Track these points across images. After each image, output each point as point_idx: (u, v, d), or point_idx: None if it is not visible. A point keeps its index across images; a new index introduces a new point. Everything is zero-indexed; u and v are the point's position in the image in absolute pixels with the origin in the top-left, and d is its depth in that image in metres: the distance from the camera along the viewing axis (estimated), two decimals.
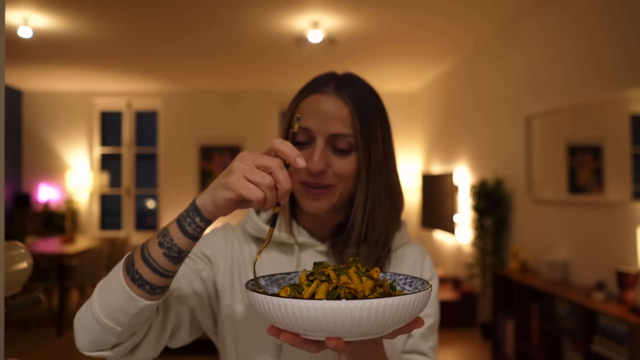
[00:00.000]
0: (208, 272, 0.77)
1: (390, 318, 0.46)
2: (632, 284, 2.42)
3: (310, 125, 0.71)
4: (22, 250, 0.70)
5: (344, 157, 0.72)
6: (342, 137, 0.71)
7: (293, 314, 0.45)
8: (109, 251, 4.84)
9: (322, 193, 0.72)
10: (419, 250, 0.84)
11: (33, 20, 3.76)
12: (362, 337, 0.48)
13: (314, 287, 0.51)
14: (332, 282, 0.52)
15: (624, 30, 2.59)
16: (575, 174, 3.04)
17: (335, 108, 0.71)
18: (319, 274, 0.54)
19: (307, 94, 0.74)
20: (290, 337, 0.49)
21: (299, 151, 0.70)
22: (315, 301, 0.44)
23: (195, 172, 6.38)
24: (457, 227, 4.69)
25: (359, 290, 0.50)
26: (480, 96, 4.42)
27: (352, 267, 0.54)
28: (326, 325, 0.45)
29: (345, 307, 0.44)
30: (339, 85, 0.73)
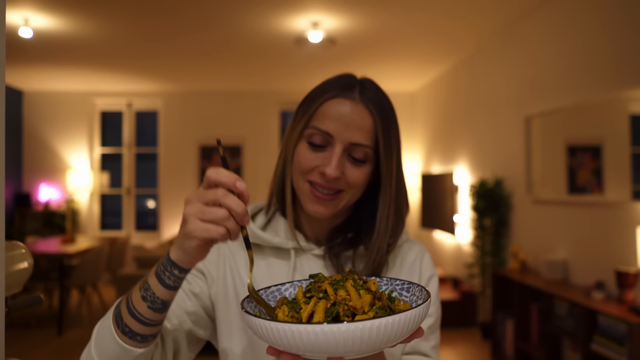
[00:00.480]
0: (201, 287, 0.76)
1: (392, 335, 0.46)
2: (631, 283, 2.42)
3: (332, 129, 0.70)
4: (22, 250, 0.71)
5: (357, 167, 0.71)
6: (362, 147, 0.70)
7: (293, 339, 0.45)
8: (109, 251, 4.85)
9: (330, 200, 0.71)
10: (418, 249, 0.83)
11: (33, 21, 3.76)
12: (364, 354, 0.48)
13: (312, 306, 0.51)
14: (330, 298, 0.52)
15: (624, 30, 2.59)
16: (574, 174, 3.04)
17: (360, 117, 0.70)
18: (315, 290, 0.54)
19: (332, 96, 0.71)
20: (290, 358, 0.49)
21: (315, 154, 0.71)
22: (315, 325, 0.44)
23: (196, 172, 6.39)
24: (457, 227, 4.69)
25: (358, 307, 0.50)
26: (480, 96, 4.43)
27: (349, 279, 0.54)
28: (327, 347, 0.45)
29: (346, 330, 0.44)
30: (364, 92, 0.72)
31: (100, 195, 6.50)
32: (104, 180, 6.51)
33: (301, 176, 0.72)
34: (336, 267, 0.75)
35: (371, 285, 0.53)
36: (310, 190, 0.71)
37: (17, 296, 0.74)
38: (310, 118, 0.72)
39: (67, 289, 4.69)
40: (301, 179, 0.72)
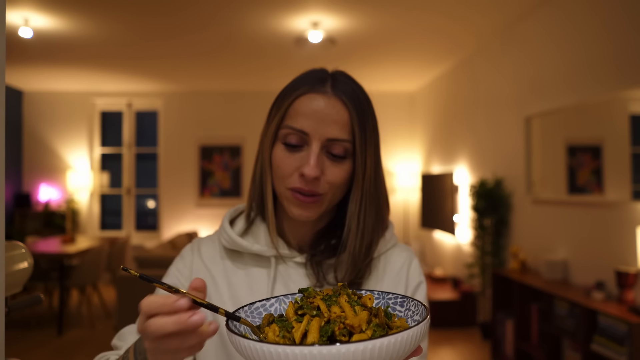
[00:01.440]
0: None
1: (393, 354, 0.43)
2: (631, 283, 2.42)
3: (306, 127, 0.67)
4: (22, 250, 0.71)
5: (337, 164, 0.68)
6: (340, 142, 0.67)
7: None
8: (109, 251, 4.85)
9: (313, 202, 0.68)
10: (405, 256, 0.78)
11: (33, 21, 3.77)
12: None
13: (305, 325, 0.47)
14: (324, 315, 0.48)
15: (624, 30, 2.59)
16: (574, 174, 3.04)
17: (334, 111, 0.67)
18: (308, 307, 0.50)
19: (303, 92, 0.68)
20: None
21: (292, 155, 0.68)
22: (311, 348, 0.41)
23: (196, 172, 6.39)
24: (457, 227, 4.69)
25: (356, 326, 0.47)
26: (480, 96, 4.43)
27: (343, 295, 0.51)
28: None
29: (346, 351, 0.41)
30: (336, 84, 0.69)
31: (100, 195, 6.50)
32: (104, 180, 6.52)
33: (282, 182, 0.69)
34: (317, 275, 0.72)
35: (367, 301, 0.51)
36: (292, 195, 0.68)
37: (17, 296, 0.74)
38: (282, 117, 0.69)
39: (67, 289, 4.69)
40: (282, 186, 0.69)
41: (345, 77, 0.72)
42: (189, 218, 6.35)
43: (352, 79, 0.73)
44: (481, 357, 3.62)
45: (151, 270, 3.61)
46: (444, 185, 4.88)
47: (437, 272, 4.99)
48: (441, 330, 4.24)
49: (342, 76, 0.72)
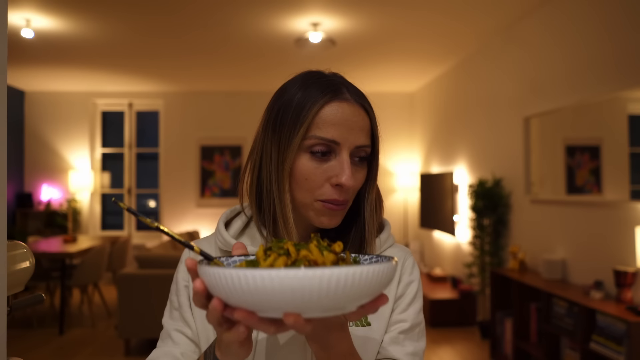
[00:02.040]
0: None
1: (353, 290, 0.41)
2: (629, 283, 2.43)
3: (337, 137, 0.66)
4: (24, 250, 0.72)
5: (360, 169, 0.69)
6: (363, 148, 0.69)
7: (247, 286, 0.40)
8: (110, 251, 4.87)
9: (342, 210, 0.68)
10: (401, 254, 0.78)
11: (35, 22, 3.78)
12: (323, 313, 0.43)
13: (271, 261, 0.47)
14: (292, 256, 0.48)
15: (624, 31, 2.60)
16: (573, 174, 3.05)
17: (360, 118, 0.68)
18: (276, 248, 0.50)
19: (327, 100, 0.66)
20: (245, 314, 0.44)
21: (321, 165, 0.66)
22: (270, 270, 0.40)
23: (196, 172, 6.40)
24: (456, 226, 4.70)
25: (320, 263, 0.47)
26: (479, 96, 4.43)
27: (314, 241, 0.50)
28: (283, 298, 0.40)
29: (304, 275, 0.39)
30: (352, 91, 0.69)
31: (102, 195, 6.52)
32: (105, 180, 6.53)
33: (311, 195, 0.67)
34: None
35: (335, 247, 0.50)
36: (323, 206, 0.67)
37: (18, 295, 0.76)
38: (308, 127, 0.66)
39: (68, 289, 4.71)
40: (311, 198, 0.67)
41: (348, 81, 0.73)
42: (189, 218, 6.37)
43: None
44: (480, 356, 3.63)
45: (152, 270, 3.63)
46: (443, 185, 4.89)
47: (436, 271, 5.00)
48: (440, 329, 4.26)
49: (344, 79, 0.72)
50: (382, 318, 0.72)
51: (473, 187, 4.07)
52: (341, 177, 0.65)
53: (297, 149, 0.67)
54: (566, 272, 3.06)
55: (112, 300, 5.21)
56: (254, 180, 0.72)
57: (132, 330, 3.57)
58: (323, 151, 0.66)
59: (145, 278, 3.56)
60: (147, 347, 3.86)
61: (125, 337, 3.61)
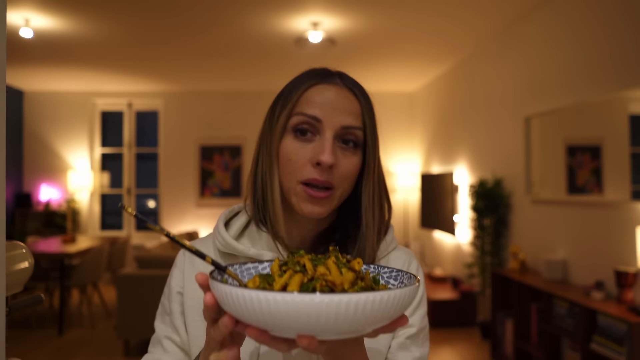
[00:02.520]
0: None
1: (372, 316, 0.41)
2: (630, 283, 2.42)
3: (319, 114, 0.65)
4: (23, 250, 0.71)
5: (350, 154, 0.67)
6: (353, 129, 0.66)
7: (260, 308, 0.40)
8: (109, 251, 4.86)
9: (325, 197, 0.65)
10: (405, 257, 0.77)
11: (34, 21, 3.77)
12: (338, 336, 0.43)
13: (287, 279, 0.46)
14: (308, 273, 0.46)
15: (623, 31, 2.60)
16: (574, 174, 3.05)
17: (347, 100, 0.67)
18: (293, 263, 0.48)
19: (314, 83, 0.67)
20: (257, 333, 0.43)
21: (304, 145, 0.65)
22: (285, 294, 0.39)
23: (196, 172, 6.40)
24: (457, 226, 4.69)
25: (337, 283, 0.45)
26: (479, 96, 4.43)
27: (332, 257, 0.49)
28: (298, 321, 0.40)
29: (320, 301, 0.38)
30: (344, 78, 0.70)
31: (101, 195, 6.51)
32: (105, 180, 6.52)
33: (293, 176, 0.66)
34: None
35: (355, 265, 0.49)
36: (304, 190, 0.65)
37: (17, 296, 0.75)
38: (293, 107, 0.67)
39: (67, 289, 4.70)
40: (293, 181, 0.66)
41: (349, 76, 0.72)
42: (189, 218, 6.36)
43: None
44: (481, 357, 3.62)
45: (151, 270, 3.62)
46: (443, 185, 4.88)
47: (436, 272, 4.99)
48: (441, 330, 4.25)
49: (345, 74, 0.72)
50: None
51: (473, 187, 4.06)
52: (320, 155, 0.63)
53: (282, 131, 0.67)
54: (567, 272, 3.05)
55: (111, 301, 5.20)
56: (252, 172, 0.72)
57: (132, 330, 3.56)
58: (305, 129, 0.65)
59: (144, 278, 3.56)
60: (146, 348, 3.85)
61: (125, 338, 3.60)
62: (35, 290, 4.93)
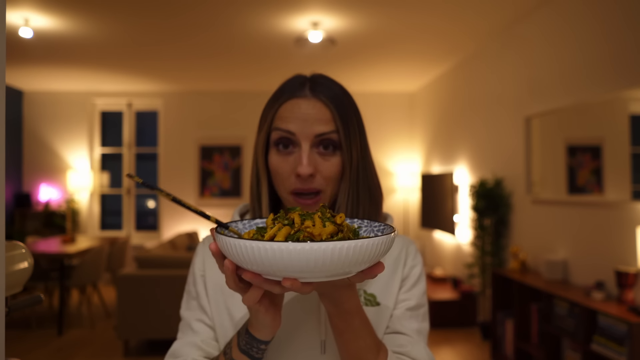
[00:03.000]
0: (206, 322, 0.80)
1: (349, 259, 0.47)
2: (631, 283, 2.42)
3: (292, 128, 0.72)
4: (22, 250, 0.71)
5: (329, 158, 0.73)
6: (327, 135, 0.72)
7: (253, 255, 0.47)
8: (109, 251, 4.85)
9: (314, 203, 0.72)
10: (403, 242, 0.83)
11: (34, 21, 3.77)
12: (317, 278, 0.50)
13: (275, 230, 0.53)
14: (295, 226, 0.54)
15: (622, 31, 2.59)
16: (574, 174, 3.05)
17: (315, 110, 0.72)
18: (282, 218, 0.56)
19: (285, 100, 0.74)
20: (251, 276, 0.51)
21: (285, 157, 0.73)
22: (266, 243, 0.46)
23: (196, 172, 6.39)
24: (457, 227, 4.69)
25: (316, 234, 0.52)
26: (479, 97, 4.43)
27: (319, 212, 0.56)
28: (283, 266, 0.47)
29: (293, 249, 0.45)
30: (314, 87, 0.74)
31: (100, 195, 6.50)
32: (104, 180, 6.52)
33: (283, 187, 0.74)
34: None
35: (337, 219, 0.55)
36: (295, 200, 0.73)
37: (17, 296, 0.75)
38: (270, 124, 0.75)
39: (67, 289, 4.70)
40: (284, 191, 0.74)
41: (323, 79, 0.77)
42: (189, 218, 6.36)
43: (331, 79, 0.77)
44: (481, 357, 3.62)
45: (151, 270, 3.61)
46: (443, 185, 4.88)
47: (437, 272, 4.99)
48: (441, 330, 4.25)
49: (320, 78, 0.77)
50: (390, 298, 0.77)
51: (474, 187, 4.06)
52: (298, 167, 0.70)
53: (266, 145, 0.75)
54: (567, 272, 3.05)
55: (111, 301, 5.19)
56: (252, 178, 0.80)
57: (131, 331, 3.55)
58: (285, 143, 0.73)
59: (144, 278, 3.55)
60: (146, 348, 3.85)
61: (124, 338, 3.60)
62: (34, 291, 4.92)
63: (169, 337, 3.58)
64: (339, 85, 0.77)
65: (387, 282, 0.78)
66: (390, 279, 0.78)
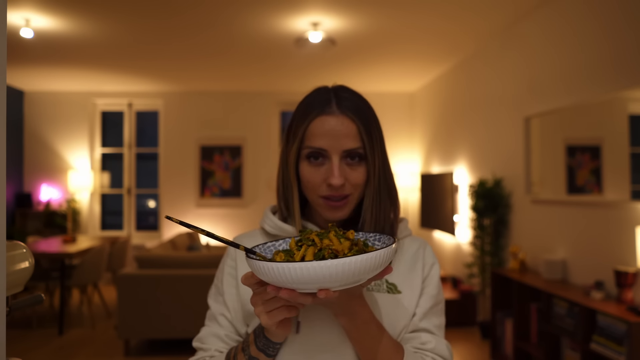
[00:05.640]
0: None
1: (366, 268, 0.58)
2: (630, 283, 2.43)
3: (324, 145, 0.80)
4: (23, 250, 0.71)
5: (356, 168, 0.81)
6: (354, 150, 0.80)
7: (290, 275, 0.57)
8: (110, 251, 4.86)
9: (344, 204, 0.81)
10: (420, 242, 0.92)
11: (34, 21, 3.78)
12: (345, 286, 0.60)
13: (303, 251, 0.63)
14: (317, 245, 0.64)
15: (622, 31, 2.60)
16: (574, 174, 3.05)
17: (344, 127, 0.80)
18: (305, 239, 0.66)
19: (315, 116, 0.81)
20: (288, 292, 0.59)
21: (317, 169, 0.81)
22: (307, 262, 0.56)
23: (196, 172, 6.40)
24: (457, 226, 4.69)
25: (339, 250, 0.63)
26: (479, 96, 4.43)
27: (332, 231, 0.67)
28: (317, 279, 0.57)
29: (331, 264, 0.56)
30: (341, 103, 0.81)
31: (101, 195, 6.51)
32: (105, 180, 6.53)
33: (314, 193, 0.82)
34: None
35: (349, 235, 0.66)
36: (325, 203, 0.81)
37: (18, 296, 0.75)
38: (302, 140, 0.82)
39: (68, 289, 4.71)
40: (315, 196, 0.82)
41: (346, 92, 0.84)
42: (189, 218, 6.36)
43: (353, 91, 0.85)
44: (480, 357, 3.63)
45: (151, 270, 3.62)
46: (443, 185, 4.88)
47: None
48: None
49: (343, 92, 0.83)
50: (412, 289, 0.85)
51: (473, 187, 4.06)
52: (330, 179, 0.79)
53: (297, 158, 0.83)
54: (567, 272, 3.05)
55: (111, 301, 5.20)
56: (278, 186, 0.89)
57: (132, 330, 3.56)
58: (315, 156, 0.81)
59: (145, 278, 3.56)
60: (146, 348, 3.85)
61: (125, 338, 3.60)
62: (35, 290, 4.93)
63: (170, 336, 3.59)
64: (361, 97, 0.84)
65: (406, 273, 0.87)
66: (410, 270, 0.87)
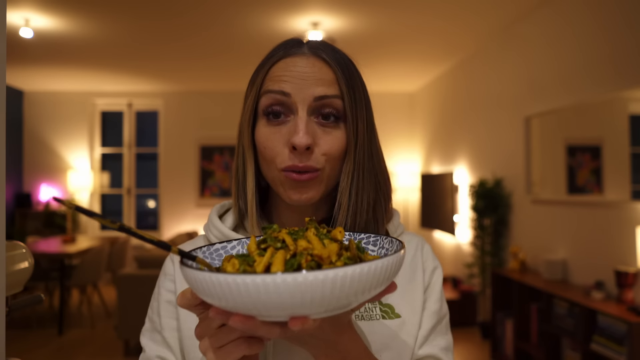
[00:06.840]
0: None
1: (365, 285, 0.38)
2: (630, 283, 2.43)
3: (287, 89, 0.58)
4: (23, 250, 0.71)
5: (330, 130, 0.59)
6: (329, 99, 0.58)
7: (247, 294, 0.35)
8: (109, 251, 4.86)
9: (310, 179, 0.58)
10: (416, 241, 0.71)
11: (34, 21, 3.77)
12: (331, 312, 0.39)
13: (269, 257, 0.41)
14: (290, 248, 0.42)
15: (622, 31, 2.60)
16: (574, 174, 3.05)
17: (316, 69, 0.59)
18: (272, 240, 0.44)
19: (279, 57, 0.61)
20: (243, 320, 0.38)
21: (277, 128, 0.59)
22: (274, 275, 0.35)
23: (196, 172, 6.40)
24: (457, 226, 4.69)
25: (324, 257, 0.41)
26: (479, 96, 4.43)
27: (311, 228, 0.45)
28: (289, 302, 0.35)
29: (313, 279, 0.35)
30: (314, 45, 0.62)
31: (101, 195, 6.51)
32: (105, 180, 6.52)
33: (272, 165, 0.60)
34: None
35: (337, 234, 0.45)
36: (286, 177, 0.58)
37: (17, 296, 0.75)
38: (260, 87, 0.61)
39: (67, 289, 4.70)
40: (275, 171, 0.60)
41: (324, 41, 0.65)
42: (189, 218, 6.36)
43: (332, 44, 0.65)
44: (481, 357, 3.62)
45: (151, 270, 3.62)
46: (443, 185, 4.88)
47: None
48: None
49: (319, 40, 0.65)
50: (413, 308, 0.64)
51: (473, 187, 4.06)
52: (294, 138, 0.56)
53: (253, 116, 0.62)
54: (567, 272, 3.05)
55: (111, 301, 5.20)
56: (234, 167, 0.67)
57: (132, 330, 3.56)
58: (277, 110, 0.59)
59: (144, 278, 3.56)
60: None
61: (125, 338, 3.60)
62: (35, 290, 4.93)
63: None
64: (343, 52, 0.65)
65: (405, 288, 0.65)
66: (409, 282, 0.66)
